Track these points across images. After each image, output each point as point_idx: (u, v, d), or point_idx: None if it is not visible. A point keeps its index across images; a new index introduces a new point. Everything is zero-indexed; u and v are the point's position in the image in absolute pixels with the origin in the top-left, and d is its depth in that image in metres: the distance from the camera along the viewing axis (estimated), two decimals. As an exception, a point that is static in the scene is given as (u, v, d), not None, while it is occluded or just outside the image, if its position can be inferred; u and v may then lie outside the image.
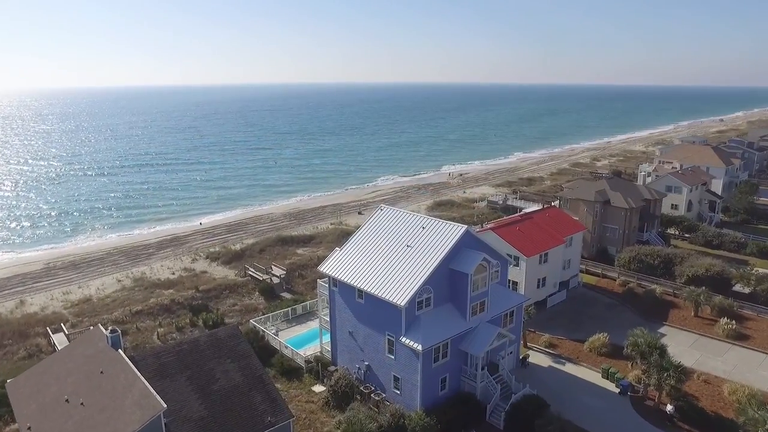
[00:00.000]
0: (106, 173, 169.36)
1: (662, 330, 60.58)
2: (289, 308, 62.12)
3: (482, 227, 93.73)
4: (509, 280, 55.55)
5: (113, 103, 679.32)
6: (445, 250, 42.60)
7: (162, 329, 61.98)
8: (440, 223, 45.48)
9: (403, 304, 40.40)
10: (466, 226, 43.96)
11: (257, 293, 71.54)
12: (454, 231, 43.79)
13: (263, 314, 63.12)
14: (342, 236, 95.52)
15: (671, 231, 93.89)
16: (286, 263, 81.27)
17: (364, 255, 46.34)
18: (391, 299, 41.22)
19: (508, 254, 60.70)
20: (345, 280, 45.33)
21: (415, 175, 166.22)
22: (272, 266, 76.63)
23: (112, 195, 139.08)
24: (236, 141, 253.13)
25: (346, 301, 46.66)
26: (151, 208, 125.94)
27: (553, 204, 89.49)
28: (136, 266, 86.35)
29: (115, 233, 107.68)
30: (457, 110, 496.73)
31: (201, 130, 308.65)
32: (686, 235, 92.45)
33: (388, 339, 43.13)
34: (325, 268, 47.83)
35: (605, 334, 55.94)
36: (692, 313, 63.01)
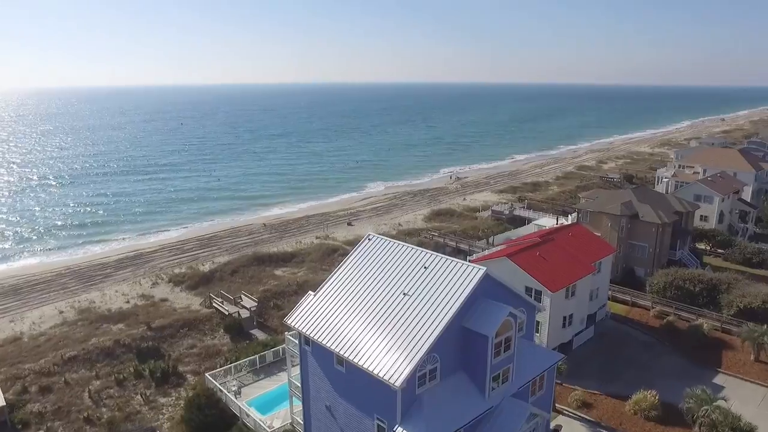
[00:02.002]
0: (72, 182, 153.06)
1: (718, 380, 49.11)
2: (257, 355, 49.95)
3: (488, 242, 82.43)
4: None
5: (101, 103, 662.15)
6: (457, 303, 30.78)
7: (98, 382, 49.88)
8: (448, 261, 33.57)
9: (398, 384, 28.50)
10: (484, 268, 32.06)
11: (222, 330, 59.45)
12: (469, 275, 31.92)
13: (227, 361, 51.06)
14: (327, 254, 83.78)
15: (701, 246, 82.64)
16: (260, 290, 69.23)
17: (345, 305, 34.37)
18: (381, 375, 29.35)
19: (527, 287, 49.25)
20: (320, 340, 33.35)
21: (410, 180, 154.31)
22: (242, 296, 64.45)
23: (74, 207, 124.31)
24: (221, 144, 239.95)
25: (321, 366, 34.69)
26: (116, 223, 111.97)
27: (570, 217, 78.13)
28: (87, 291, 74.28)
29: (70, 250, 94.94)
30: (453, 110, 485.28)
31: (187, 131, 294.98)
32: (719, 251, 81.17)
33: (378, 425, 31.22)
34: (295, 321, 35.76)
35: (653, 393, 44.21)
36: (752, 357, 51.49)
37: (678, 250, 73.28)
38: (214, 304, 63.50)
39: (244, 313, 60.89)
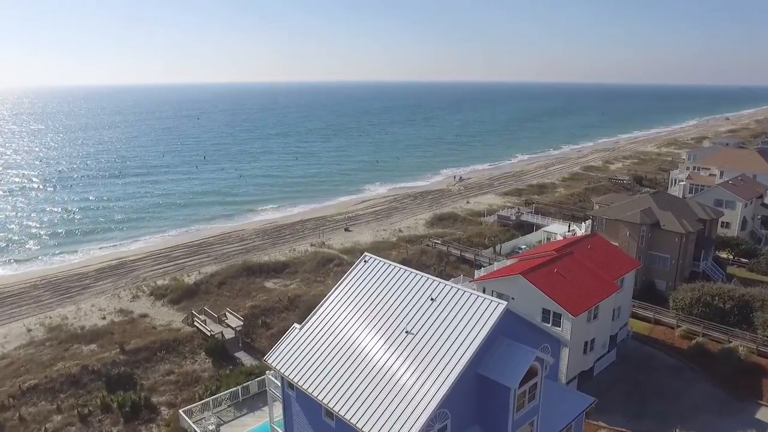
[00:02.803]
0: (56, 185, 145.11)
1: (761, 415, 43.59)
2: (239, 386, 44.20)
3: (495, 251, 76.63)
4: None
5: (98, 102, 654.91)
6: (472, 347, 25.05)
7: (59, 418, 44.07)
8: (459, 293, 27.80)
9: (400, 453, 22.75)
10: (505, 302, 26.27)
11: (204, 353, 53.70)
12: (485, 311, 26.16)
13: (206, 391, 45.43)
14: (322, 263, 78.04)
15: (722, 255, 77.03)
16: (248, 305, 63.42)
17: (335, 344, 28.62)
18: (379, 438, 23.57)
19: (544, 309, 43.58)
20: (305, 387, 27.57)
21: (410, 181, 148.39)
22: (226, 313, 58.65)
23: (55, 211, 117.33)
24: (217, 144, 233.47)
25: (307, 416, 28.95)
26: (99, 229, 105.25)
27: (584, 224, 72.38)
28: (61, 305, 68.49)
29: (46, 258, 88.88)
30: (453, 109, 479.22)
31: (182, 132, 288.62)
32: (743, 261, 75.54)
33: (376, 495, 25.44)
34: (276, 360, 29.99)
35: (692, 434, 38.58)
36: (797, 387, 45.87)
37: (702, 261, 67.63)
38: (196, 323, 57.70)
39: (229, 333, 55.14)
